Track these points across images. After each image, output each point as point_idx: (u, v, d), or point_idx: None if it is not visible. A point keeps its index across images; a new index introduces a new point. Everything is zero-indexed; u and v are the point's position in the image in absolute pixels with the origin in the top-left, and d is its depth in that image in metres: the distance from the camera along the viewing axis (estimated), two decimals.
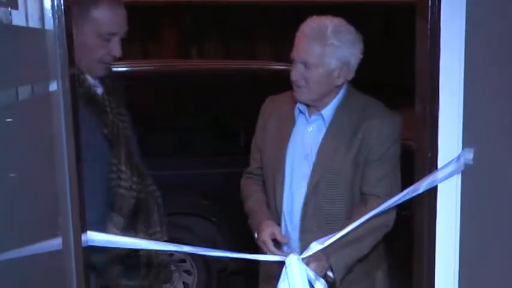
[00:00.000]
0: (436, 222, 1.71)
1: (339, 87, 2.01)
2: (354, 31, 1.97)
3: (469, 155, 1.65)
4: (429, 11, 1.64)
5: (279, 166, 2.04)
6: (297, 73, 1.96)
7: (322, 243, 1.84)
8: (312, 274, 1.85)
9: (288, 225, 2.05)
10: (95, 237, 1.52)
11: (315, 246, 1.85)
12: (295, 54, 1.97)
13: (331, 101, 2.02)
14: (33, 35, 1.21)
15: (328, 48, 1.92)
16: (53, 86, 1.24)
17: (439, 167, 1.69)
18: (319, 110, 2.02)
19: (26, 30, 1.20)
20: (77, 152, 1.28)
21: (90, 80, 1.85)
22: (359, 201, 2.00)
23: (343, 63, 1.95)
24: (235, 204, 2.26)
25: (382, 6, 8.45)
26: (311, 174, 1.99)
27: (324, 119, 2.02)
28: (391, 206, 1.82)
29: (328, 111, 2.02)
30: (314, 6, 2.11)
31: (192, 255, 3.42)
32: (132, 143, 1.97)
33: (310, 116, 2.05)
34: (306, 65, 1.94)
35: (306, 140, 2.04)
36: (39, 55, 1.23)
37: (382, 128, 1.97)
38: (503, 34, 1.64)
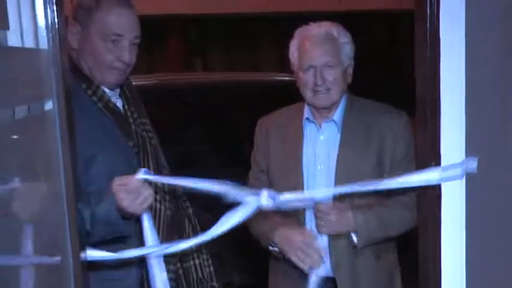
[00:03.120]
0: (441, 232, 1.68)
1: (345, 90, 2.05)
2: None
3: (473, 164, 1.62)
4: (428, 19, 1.62)
5: (297, 180, 2.03)
6: (320, 78, 1.97)
7: None
8: None
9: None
10: (94, 255, 1.51)
11: None
12: (311, 60, 1.98)
13: (339, 105, 2.05)
14: (27, 55, 1.21)
15: (341, 47, 2.01)
16: (49, 105, 1.24)
17: None
18: (329, 117, 2.04)
19: (21, 50, 1.20)
20: (73, 171, 1.27)
21: (108, 92, 1.82)
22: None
23: (351, 61, 2.04)
24: None
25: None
26: (335, 184, 1.97)
27: (336, 124, 2.04)
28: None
29: (338, 116, 2.05)
30: (318, 17, 2.11)
31: None
32: (159, 153, 1.92)
33: (320, 124, 2.05)
34: (326, 67, 1.98)
35: (318, 150, 2.05)
36: (34, 74, 1.23)
37: (397, 125, 2.02)
38: (504, 40, 1.63)
